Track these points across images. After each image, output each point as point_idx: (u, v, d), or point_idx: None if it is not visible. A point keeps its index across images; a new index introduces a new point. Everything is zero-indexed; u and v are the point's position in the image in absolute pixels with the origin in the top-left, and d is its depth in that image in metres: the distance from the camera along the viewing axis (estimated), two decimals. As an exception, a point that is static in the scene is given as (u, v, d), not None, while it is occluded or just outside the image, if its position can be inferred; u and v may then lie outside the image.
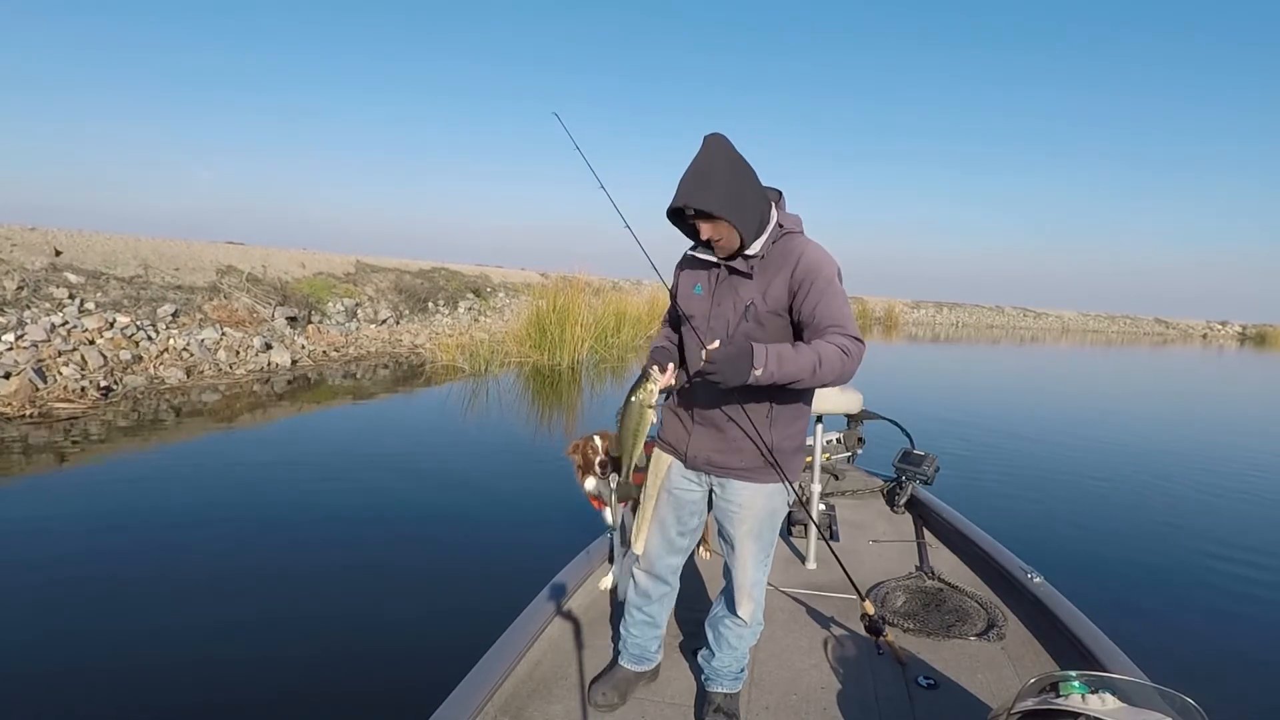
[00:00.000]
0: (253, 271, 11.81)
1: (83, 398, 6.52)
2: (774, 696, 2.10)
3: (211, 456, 5.59)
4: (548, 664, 2.20)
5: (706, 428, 1.75)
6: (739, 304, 1.67)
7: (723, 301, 1.70)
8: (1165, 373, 21.19)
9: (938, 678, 2.18)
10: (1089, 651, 2.14)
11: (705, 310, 1.73)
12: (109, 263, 9.73)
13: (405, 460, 5.78)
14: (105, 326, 8.02)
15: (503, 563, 3.72)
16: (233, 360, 8.83)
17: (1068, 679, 1.33)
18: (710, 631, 1.96)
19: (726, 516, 1.80)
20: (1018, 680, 2.07)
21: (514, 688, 2.05)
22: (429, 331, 13.46)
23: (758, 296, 1.65)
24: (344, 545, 3.91)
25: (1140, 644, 2.27)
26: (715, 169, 1.57)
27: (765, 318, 1.65)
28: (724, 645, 1.91)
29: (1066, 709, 1.27)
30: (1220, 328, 58.22)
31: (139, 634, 2.88)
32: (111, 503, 4.37)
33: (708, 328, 1.71)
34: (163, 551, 3.71)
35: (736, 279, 1.69)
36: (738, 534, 1.79)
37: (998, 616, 2.54)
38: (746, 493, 1.76)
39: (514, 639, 2.16)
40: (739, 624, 1.86)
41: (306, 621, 3.06)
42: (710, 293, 1.73)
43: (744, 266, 1.67)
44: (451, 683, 1.89)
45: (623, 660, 2.06)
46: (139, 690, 2.52)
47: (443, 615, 3.13)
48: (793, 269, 1.62)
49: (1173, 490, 6.05)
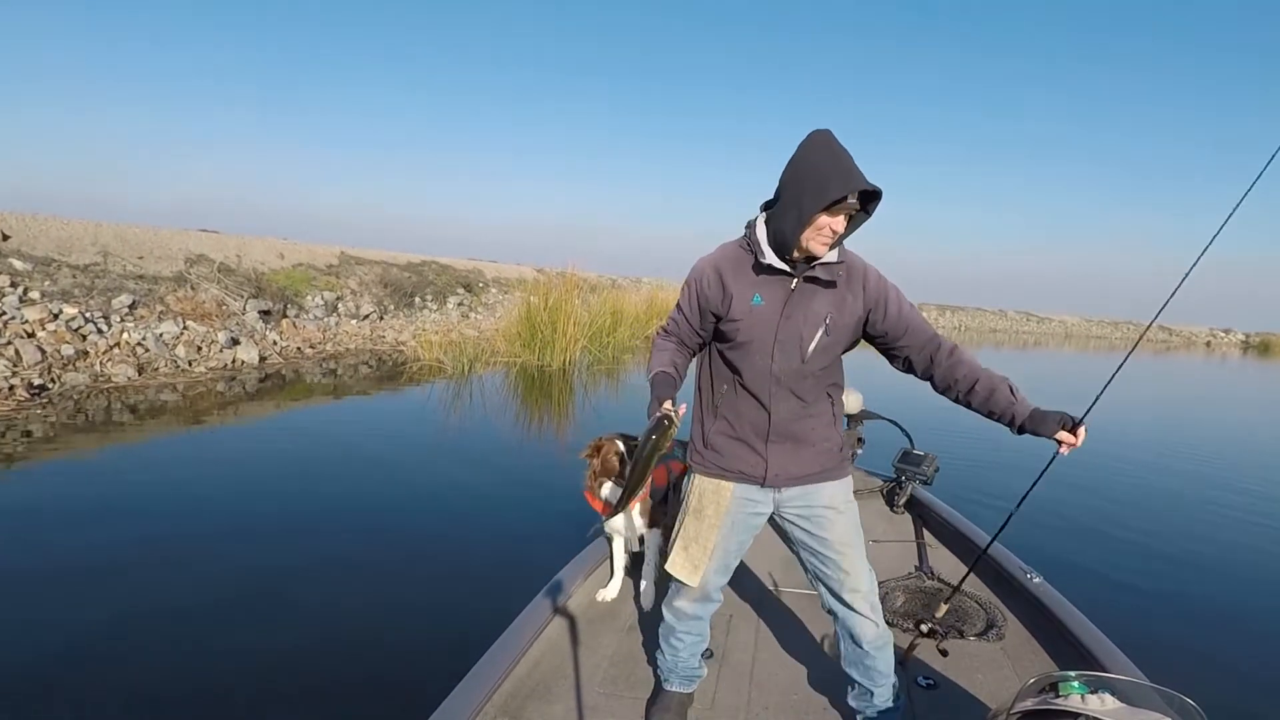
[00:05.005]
0: (225, 261, 11.07)
1: (8, 398, 5.78)
2: (774, 697, 2.10)
3: (163, 461, 5.12)
4: (547, 664, 2.19)
5: (783, 444, 1.70)
6: (813, 317, 1.60)
7: (794, 314, 1.60)
8: (1165, 377, 20.90)
9: (937, 678, 2.18)
10: (1088, 652, 2.14)
11: (770, 323, 1.61)
12: (63, 249, 8.98)
13: (377, 465, 5.41)
14: (48, 318, 7.29)
15: (498, 566, 3.67)
16: (193, 357, 8.10)
17: (1067, 679, 1.34)
18: (854, 670, 1.85)
19: (817, 524, 1.74)
20: (1017, 680, 2.09)
21: (513, 687, 2.04)
22: (414, 328, 12.72)
23: (833, 309, 1.61)
24: (320, 549, 3.79)
25: (1139, 644, 2.25)
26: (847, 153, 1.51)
27: (840, 332, 1.63)
28: (877, 675, 1.82)
29: (1066, 709, 1.29)
30: (1224, 335, 57.81)
31: (136, 639, 2.82)
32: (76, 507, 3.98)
33: (774, 343, 1.61)
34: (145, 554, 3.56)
35: (811, 289, 1.60)
36: (835, 535, 1.74)
37: (997, 617, 2.54)
38: (829, 490, 1.75)
39: (513, 639, 2.14)
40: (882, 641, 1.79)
41: (303, 623, 3.04)
42: (780, 304, 1.60)
43: (827, 275, 1.58)
44: (450, 683, 1.88)
45: (672, 685, 1.98)
46: (139, 691, 2.48)
47: (440, 616, 3.12)
48: (864, 282, 1.62)
49: (1173, 491, 5.96)
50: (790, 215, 1.50)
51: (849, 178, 1.46)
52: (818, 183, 1.46)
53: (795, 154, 1.53)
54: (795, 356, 1.62)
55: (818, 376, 1.67)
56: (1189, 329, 59.35)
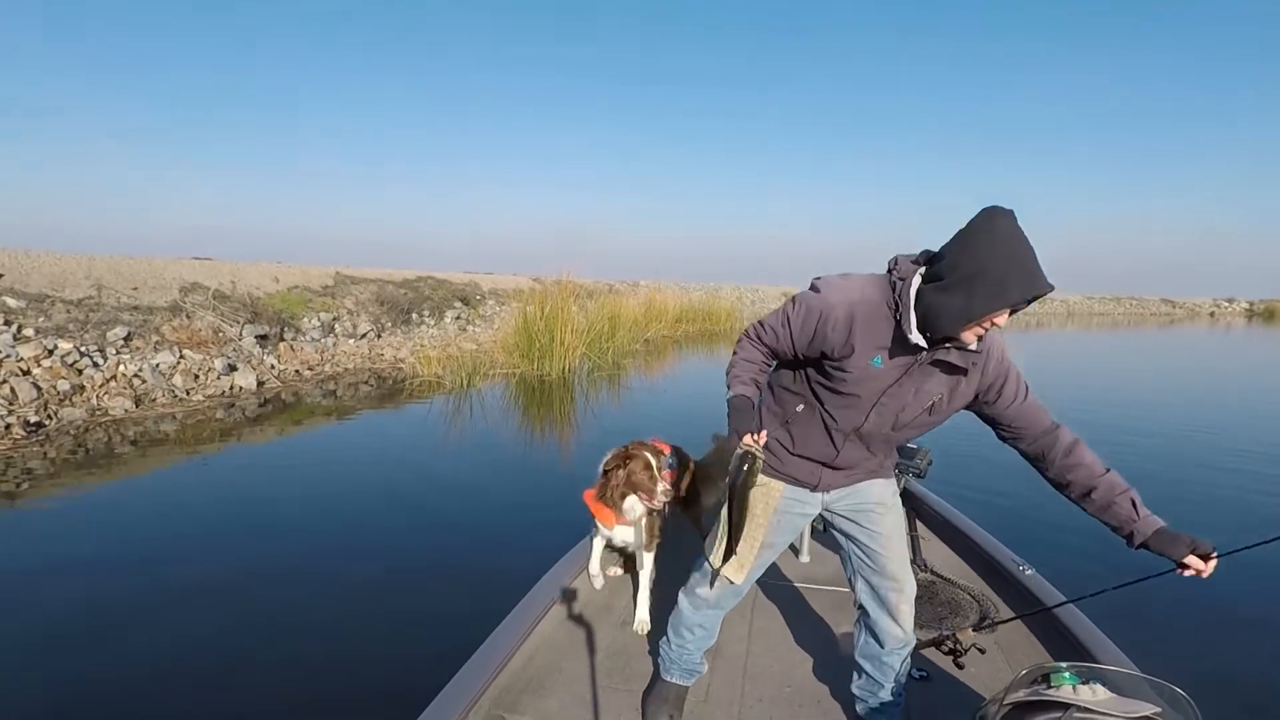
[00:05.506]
0: (219, 288, 11.05)
1: (3, 437, 5.75)
2: (768, 689, 2.12)
3: (165, 489, 5.17)
4: (541, 658, 2.20)
5: (840, 470, 1.70)
6: (924, 395, 1.54)
7: (906, 386, 1.52)
8: (1164, 353, 20.68)
9: (930, 669, 2.18)
10: (1080, 643, 2.15)
11: (879, 388, 1.52)
12: (57, 284, 8.97)
13: (377, 482, 5.44)
14: (43, 354, 7.26)
15: (499, 571, 3.63)
16: (190, 385, 8.06)
17: (1059, 670, 1.35)
18: (867, 664, 1.86)
19: (868, 519, 1.75)
20: (1009, 672, 2.09)
21: (508, 682, 2.04)
22: (412, 344, 12.68)
23: (946, 391, 1.53)
24: (324, 565, 3.88)
25: (1130, 635, 2.26)
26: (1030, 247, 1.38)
27: (943, 413, 1.59)
28: (889, 671, 1.82)
29: (1058, 700, 1.30)
30: (1227, 305, 57.52)
31: (136, 644, 2.95)
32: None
33: (874, 406, 1.55)
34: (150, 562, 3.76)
35: (933, 368, 1.51)
36: (886, 530, 1.75)
37: (990, 608, 2.56)
38: (877, 487, 1.76)
39: (507, 634, 2.15)
40: (905, 644, 1.78)
41: (300, 624, 3.14)
42: (897, 374, 1.51)
43: (961, 361, 1.47)
44: (445, 678, 1.88)
45: (673, 677, 1.99)
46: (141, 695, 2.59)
47: (436, 614, 3.20)
48: (985, 364, 1.52)
49: (1163, 480, 5.88)
50: (954, 305, 1.35)
51: (1030, 283, 1.30)
52: (996, 282, 1.30)
53: (974, 235, 1.33)
54: (888, 423, 1.57)
55: (898, 438, 1.66)
56: (1192, 301, 59.08)
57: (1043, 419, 1.56)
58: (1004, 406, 1.54)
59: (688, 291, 26.70)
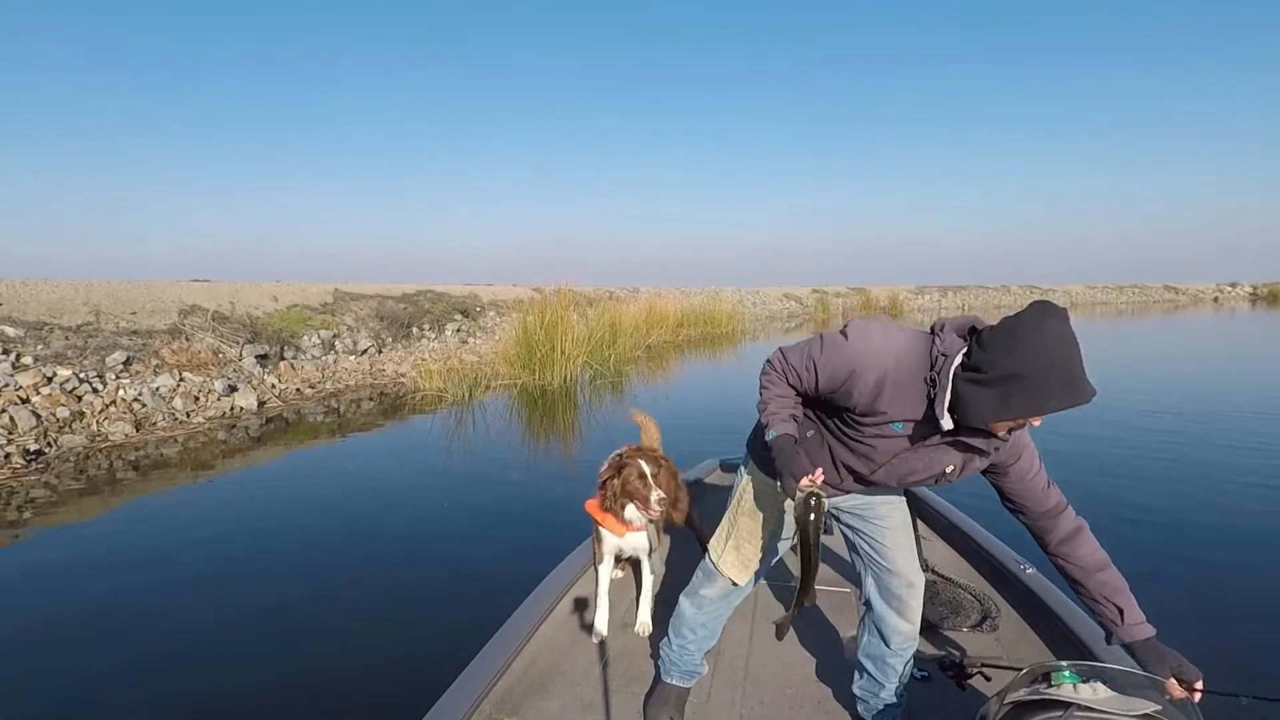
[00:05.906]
0: (218, 309, 11.04)
1: (3, 467, 5.71)
2: (769, 690, 2.12)
3: (167, 511, 5.17)
4: (544, 661, 2.21)
5: (853, 492, 1.73)
6: (937, 464, 1.51)
7: (920, 452, 1.50)
8: (1165, 343, 20.31)
9: (930, 669, 2.14)
10: (1081, 641, 2.14)
11: (894, 450, 1.52)
12: (55, 312, 8.96)
13: (381, 495, 5.45)
14: (42, 382, 7.23)
15: (501, 577, 3.65)
16: (190, 408, 8.02)
17: (1060, 669, 1.36)
18: (870, 663, 1.84)
19: (876, 514, 1.76)
20: (1011, 671, 2.04)
21: (510, 684, 2.05)
22: (413, 358, 12.64)
23: (959, 463, 1.51)
24: (324, 567, 4.00)
25: None
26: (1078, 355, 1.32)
27: (952, 480, 1.57)
28: (891, 673, 1.80)
29: (1059, 698, 1.31)
30: (1231, 290, 57.28)
31: (145, 654, 3.01)
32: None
33: (885, 465, 1.55)
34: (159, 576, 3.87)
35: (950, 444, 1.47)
36: (894, 524, 1.75)
37: (991, 608, 2.56)
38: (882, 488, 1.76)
39: (510, 635, 2.15)
40: (910, 644, 1.77)
41: (304, 631, 3.21)
42: (915, 442, 1.49)
43: (984, 446, 1.44)
44: (447, 682, 1.88)
45: (673, 679, 1.99)
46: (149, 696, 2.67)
47: (438, 619, 3.24)
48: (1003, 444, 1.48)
49: (1165, 473, 5.72)
50: (991, 402, 1.31)
51: (1071, 394, 1.26)
52: (1036, 389, 1.26)
53: (1021, 334, 1.27)
54: (894, 479, 1.58)
55: (905, 485, 1.65)
56: (1195, 287, 58.84)
57: (1047, 500, 1.56)
58: (1013, 480, 1.55)
59: (688, 296, 26.66)
